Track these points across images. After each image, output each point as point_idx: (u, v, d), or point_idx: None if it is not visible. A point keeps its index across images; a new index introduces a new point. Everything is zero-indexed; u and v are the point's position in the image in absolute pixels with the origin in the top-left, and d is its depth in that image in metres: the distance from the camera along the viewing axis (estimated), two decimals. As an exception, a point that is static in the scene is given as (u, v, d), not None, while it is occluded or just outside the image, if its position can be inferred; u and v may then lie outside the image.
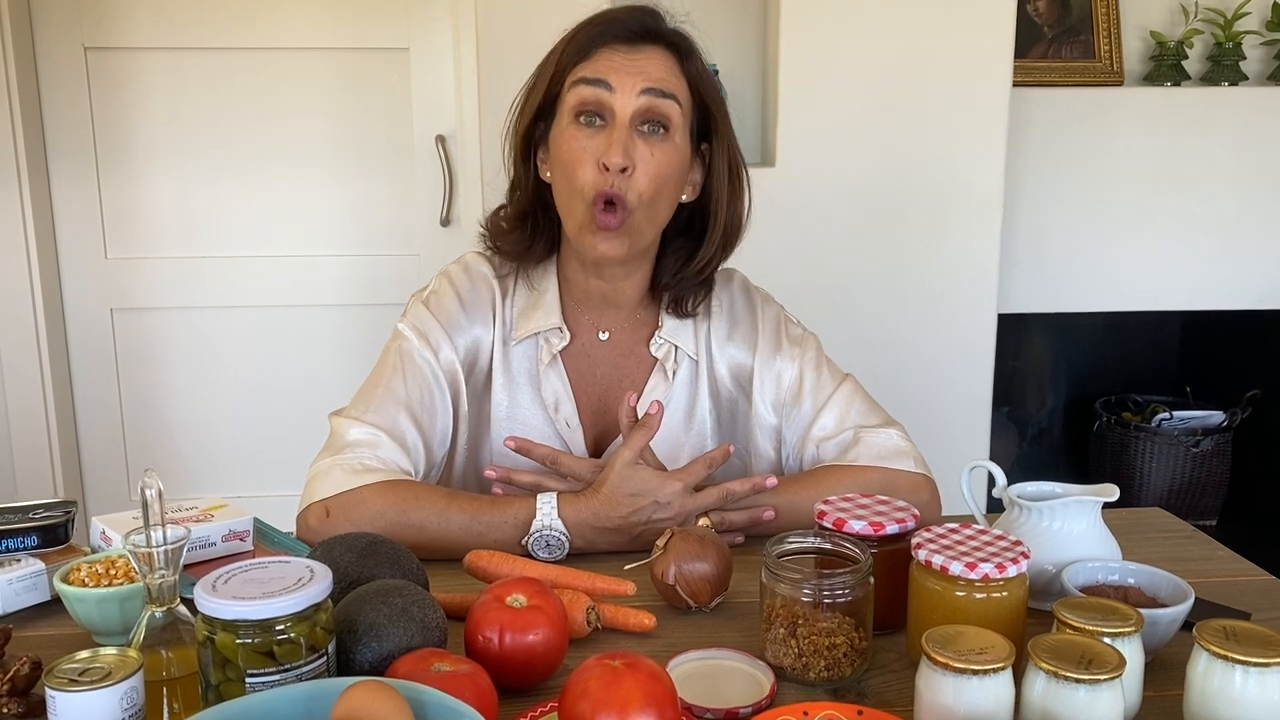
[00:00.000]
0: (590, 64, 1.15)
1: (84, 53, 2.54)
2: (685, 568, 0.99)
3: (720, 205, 1.22)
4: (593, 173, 1.13)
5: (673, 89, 1.15)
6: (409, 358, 1.22)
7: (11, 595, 0.99)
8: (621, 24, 1.15)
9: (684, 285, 1.25)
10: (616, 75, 1.13)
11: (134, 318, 2.69)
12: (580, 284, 1.25)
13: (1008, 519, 1.02)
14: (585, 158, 1.14)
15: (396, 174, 2.66)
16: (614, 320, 1.28)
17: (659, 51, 1.16)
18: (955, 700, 0.74)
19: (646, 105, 1.13)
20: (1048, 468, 3.05)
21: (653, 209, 1.17)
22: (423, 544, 1.08)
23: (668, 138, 1.15)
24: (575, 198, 1.15)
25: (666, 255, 1.26)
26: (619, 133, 1.13)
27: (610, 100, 1.13)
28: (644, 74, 1.13)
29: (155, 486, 0.78)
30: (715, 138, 1.22)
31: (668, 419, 1.25)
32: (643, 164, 1.13)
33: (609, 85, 1.13)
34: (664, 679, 0.75)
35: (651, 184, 1.14)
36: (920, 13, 2.35)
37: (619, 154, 1.11)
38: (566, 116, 1.16)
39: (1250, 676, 0.74)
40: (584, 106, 1.14)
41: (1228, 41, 2.64)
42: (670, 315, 1.28)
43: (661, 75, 1.15)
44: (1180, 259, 2.69)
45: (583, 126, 1.14)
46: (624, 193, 1.13)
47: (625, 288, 1.25)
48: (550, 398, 1.25)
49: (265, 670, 0.73)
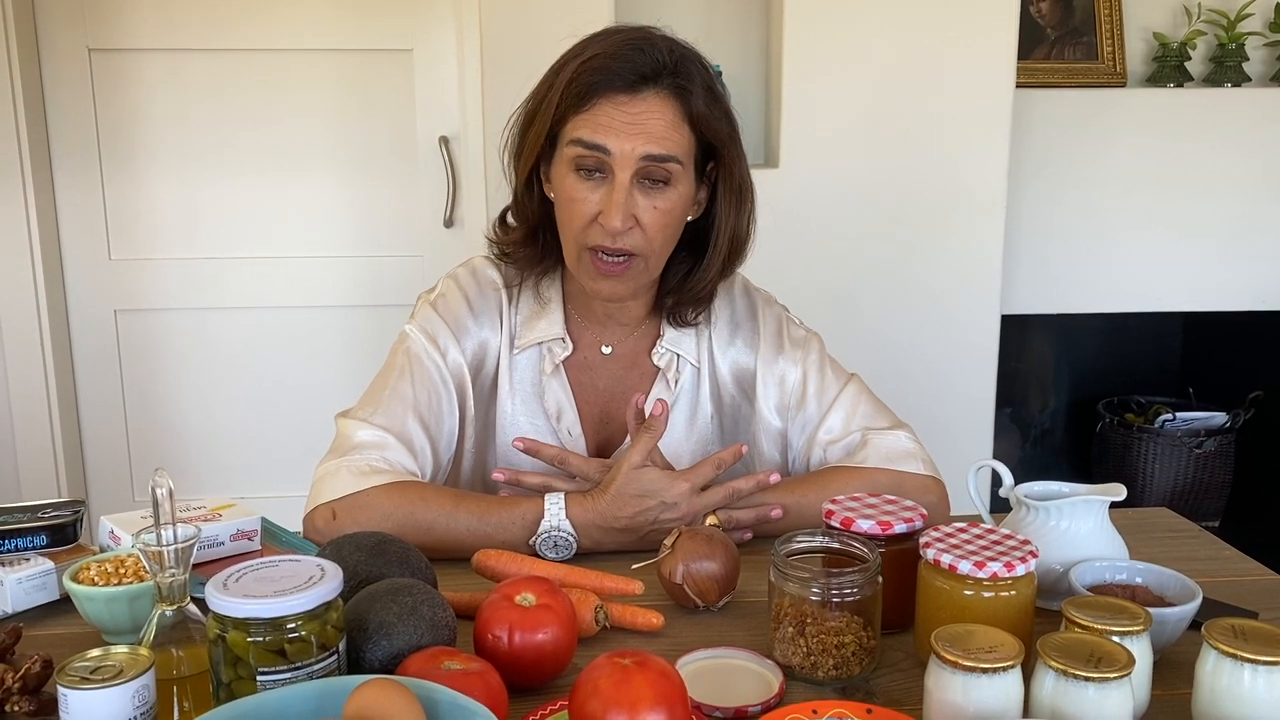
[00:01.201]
0: (588, 119, 1.11)
1: (88, 54, 2.55)
2: (693, 567, 0.99)
3: (724, 224, 1.21)
4: (592, 225, 1.13)
5: (672, 148, 1.11)
6: (416, 360, 1.22)
7: (21, 594, 0.99)
8: (618, 74, 1.10)
9: (685, 299, 1.25)
10: (615, 138, 1.09)
11: (137, 319, 2.69)
12: (583, 300, 1.26)
13: (1015, 518, 1.02)
14: (584, 210, 1.13)
15: (400, 175, 2.66)
16: (617, 335, 1.28)
17: (659, 99, 1.11)
18: (965, 698, 0.74)
19: (645, 169, 1.11)
20: (1050, 469, 3.05)
21: (662, 249, 1.17)
22: (430, 544, 1.08)
23: (670, 188, 1.14)
24: (571, 240, 1.16)
25: (669, 271, 1.25)
26: (618, 194, 1.10)
27: (609, 162, 1.11)
28: (644, 133, 1.10)
29: (166, 485, 0.78)
30: (721, 165, 1.19)
31: (670, 425, 1.26)
32: (645, 216, 1.12)
33: (606, 150, 1.10)
34: (674, 677, 0.75)
35: (658, 233, 1.14)
36: (923, 15, 2.36)
37: (618, 218, 1.10)
38: (565, 165, 1.14)
39: (1259, 675, 0.74)
40: (581, 164, 1.12)
41: (1230, 43, 2.64)
42: (670, 325, 1.28)
43: (662, 132, 1.10)
44: (1183, 260, 2.69)
45: (581, 179, 1.13)
46: (629, 246, 1.13)
47: (630, 308, 1.26)
48: (553, 406, 1.25)
49: (276, 668, 0.74)
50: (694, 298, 1.25)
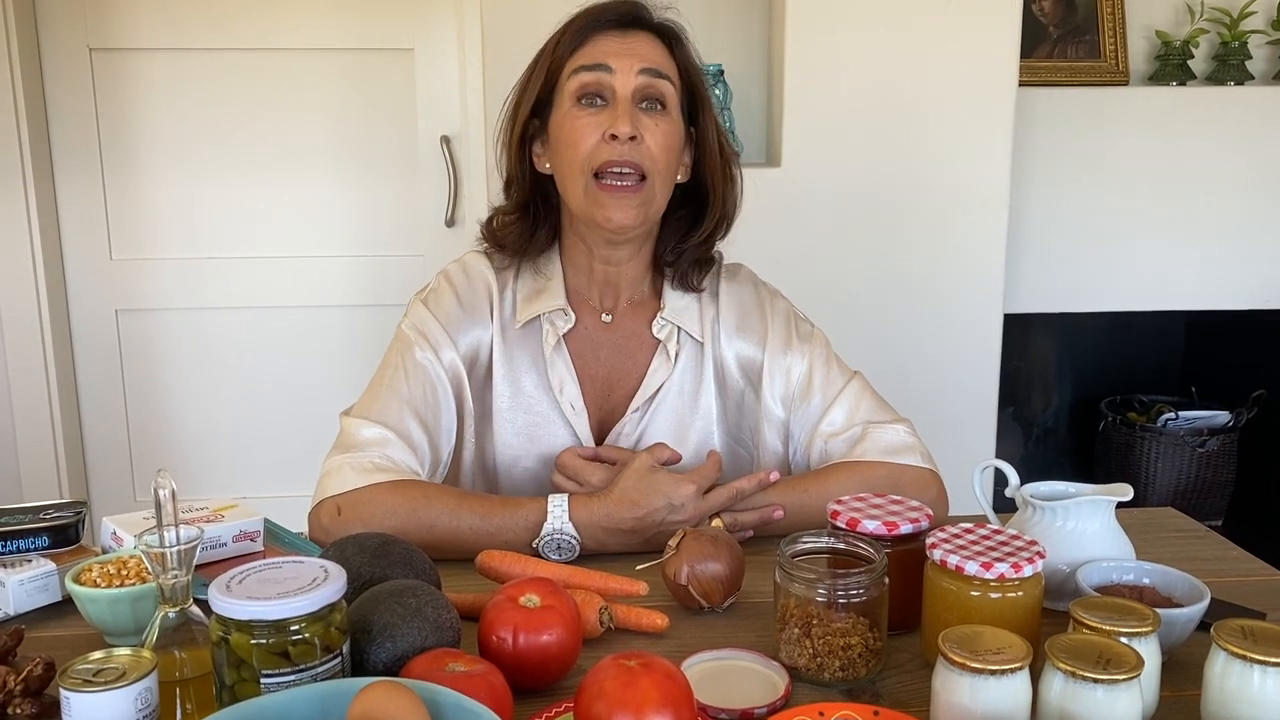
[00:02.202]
0: (586, 51, 1.19)
1: (89, 53, 2.54)
2: (698, 568, 0.98)
3: (715, 180, 1.26)
4: (599, 144, 1.17)
5: (666, 70, 1.20)
6: (410, 358, 1.23)
7: (23, 596, 0.99)
8: (612, 11, 1.20)
9: (686, 257, 1.28)
10: (615, 58, 1.18)
11: (139, 318, 2.69)
12: (584, 267, 1.27)
13: (1021, 519, 1.02)
14: (590, 132, 1.17)
15: (401, 174, 2.66)
16: (617, 302, 1.29)
17: (649, 37, 1.21)
18: (972, 700, 0.74)
19: (645, 84, 1.18)
20: (1053, 468, 3.04)
21: (665, 177, 1.21)
22: (433, 543, 1.08)
23: (666, 113, 1.20)
24: (580, 172, 1.18)
25: (665, 232, 1.29)
26: (623, 106, 1.17)
27: (611, 81, 1.17)
28: (639, 55, 1.18)
29: (169, 487, 0.78)
30: (703, 119, 1.26)
31: (674, 401, 1.28)
32: (650, 134, 1.18)
33: (608, 68, 1.17)
34: (679, 679, 0.74)
35: (662, 151, 1.18)
36: (925, 13, 2.35)
37: (627, 123, 1.15)
38: (567, 102, 1.19)
39: (1269, 676, 0.74)
40: (585, 90, 1.18)
41: (1233, 41, 2.64)
42: (675, 290, 1.29)
43: (655, 57, 1.20)
44: (1186, 259, 2.68)
45: (585, 108, 1.18)
46: (638, 159, 1.17)
47: (628, 269, 1.27)
48: (556, 381, 1.26)
49: (280, 670, 0.73)
50: (694, 255, 1.28)
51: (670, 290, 1.29)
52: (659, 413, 1.27)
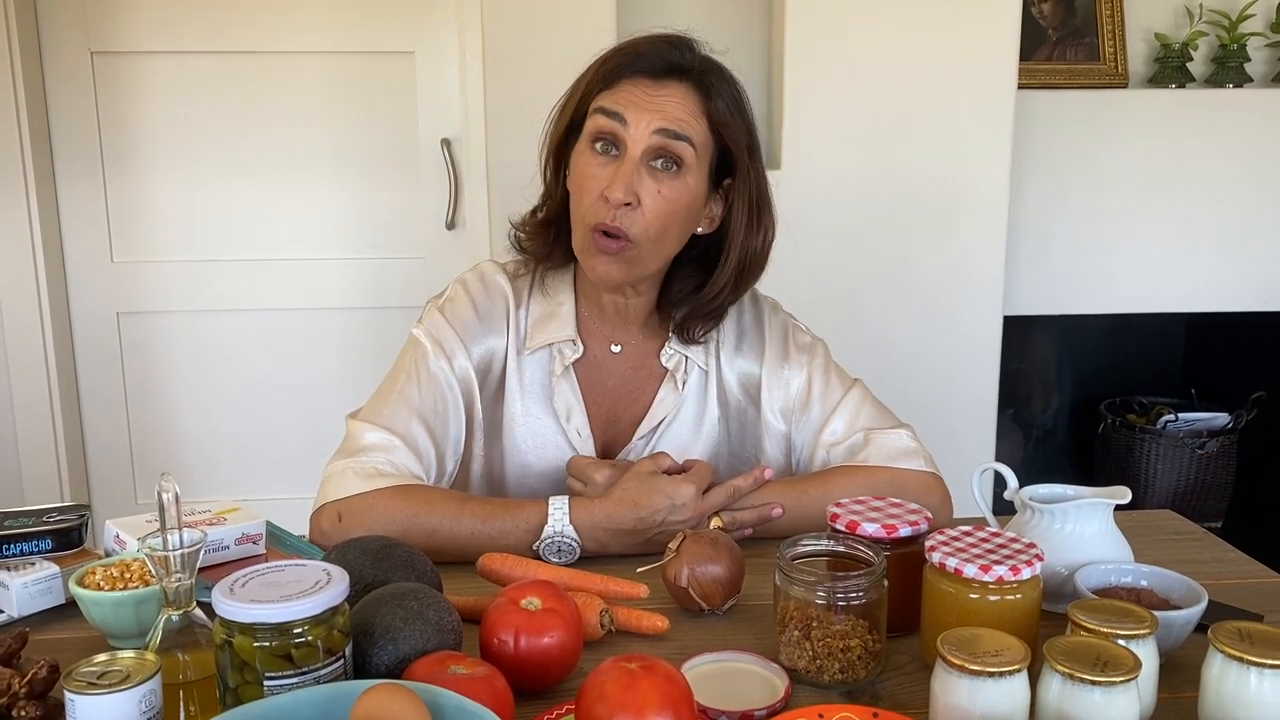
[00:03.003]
0: (612, 94, 1.15)
1: (90, 57, 2.55)
2: (698, 570, 0.99)
3: (735, 241, 1.21)
4: (596, 202, 1.14)
5: (688, 130, 1.14)
6: (423, 365, 1.23)
7: (26, 598, 0.99)
8: (648, 59, 1.15)
9: (692, 315, 1.25)
10: (634, 110, 1.13)
11: (140, 321, 2.69)
12: (595, 298, 1.27)
13: (1020, 521, 1.02)
14: (593, 186, 1.15)
15: (402, 177, 2.66)
16: (626, 333, 1.29)
17: (682, 90, 1.15)
18: (970, 702, 0.74)
19: (659, 144, 1.13)
20: (1053, 470, 3.05)
21: (659, 243, 1.17)
22: (434, 548, 1.09)
23: (679, 176, 1.15)
24: (579, 222, 1.17)
25: (675, 281, 1.26)
26: (626, 167, 1.13)
27: (623, 134, 1.13)
28: (661, 112, 1.13)
29: (172, 490, 0.78)
30: (737, 175, 1.21)
31: (680, 428, 1.28)
32: (649, 199, 1.14)
33: (624, 119, 1.13)
34: (680, 681, 0.75)
35: (657, 220, 1.15)
36: (925, 16, 2.36)
37: (621, 189, 1.12)
38: (585, 141, 1.17)
39: (1265, 678, 0.74)
40: (599, 135, 1.15)
41: (1232, 43, 2.64)
42: (676, 338, 1.28)
43: (679, 116, 1.14)
44: (1185, 261, 2.68)
45: (597, 154, 1.15)
46: (626, 227, 1.14)
47: (636, 304, 1.26)
48: (562, 408, 1.26)
49: (283, 673, 0.74)
50: (703, 314, 1.25)
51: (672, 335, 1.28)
52: (664, 440, 1.27)
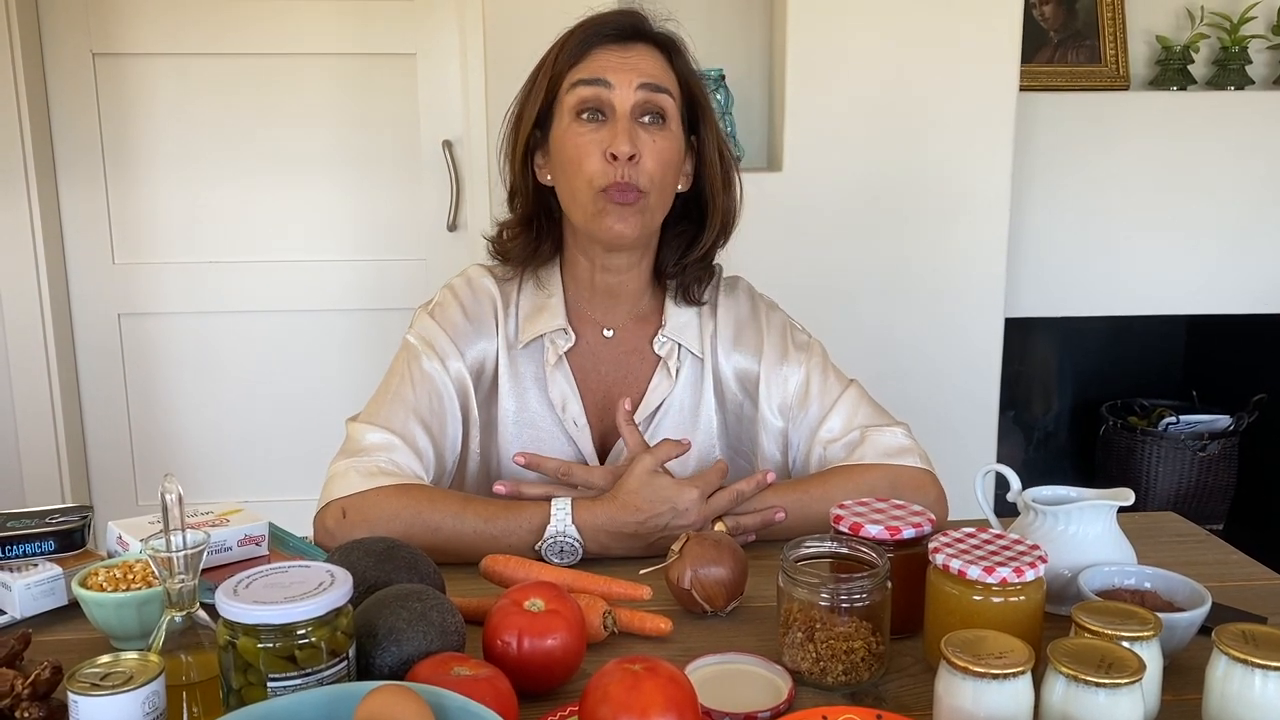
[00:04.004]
0: (586, 65, 1.20)
1: (92, 58, 2.55)
2: (701, 572, 0.99)
3: (716, 190, 1.27)
4: (600, 164, 1.17)
5: (665, 83, 1.21)
6: (418, 367, 1.24)
7: (29, 600, 0.99)
8: (611, 24, 1.21)
9: (688, 272, 1.29)
10: (614, 73, 1.18)
11: (141, 323, 2.69)
12: (586, 281, 1.28)
13: (1023, 523, 1.02)
14: (591, 150, 1.18)
15: (403, 179, 2.66)
16: (618, 317, 1.30)
17: (648, 49, 1.22)
18: (975, 704, 0.74)
19: (644, 99, 1.18)
20: (1054, 472, 3.04)
21: (663, 192, 1.21)
22: (437, 546, 1.09)
23: (665, 127, 1.20)
24: (583, 190, 1.19)
25: (666, 244, 1.30)
26: (622, 123, 1.17)
27: (610, 96, 1.18)
28: (638, 70, 1.19)
29: (175, 491, 0.78)
30: (704, 129, 1.26)
31: (675, 416, 1.28)
32: (648, 150, 1.18)
33: (608, 83, 1.18)
34: (684, 683, 0.75)
35: (659, 168, 1.19)
36: (926, 18, 2.36)
37: (626, 142, 1.16)
38: (567, 117, 1.20)
39: (1270, 680, 0.74)
40: (584, 105, 1.19)
41: (1233, 45, 2.64)
42: (678, 304, 1.30)
43: (654, 71, 1.20)
44: (1186, 263, 2.68)
45: (585, 123, 1.19)
46: (635, 179, 1.17)
47: (629, 279, 1.27)
48: (557, 398, 1.26)
49: (287, 674, 0.74)
50: (697, 267, 1.29)
51: (672, 305, 1.30)
52: (661, 428, 1.28)
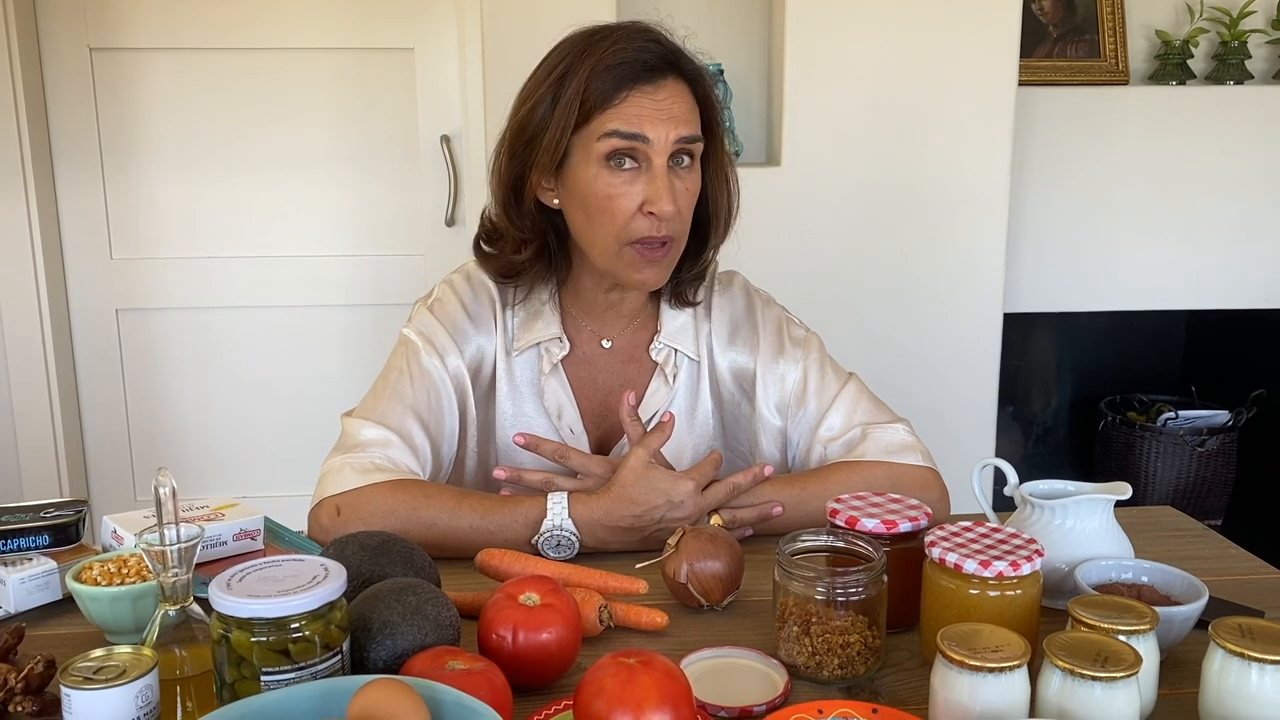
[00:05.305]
0: (620, 111, 1.12)
1: (89, 53, 2.54)
2: (697, 566, 0.98)
3: (720, 205, 1.24)
4: (634, 217, 1.14)
5: (696, 128, 1.16)
6: (415, 362, 1.23)
7: (24, 594, 0.99)
8: (641, 62, 1.13)
9: (684, 279, 1.27)
10: (650, 125, 1.12)
11: (139, 318, 2.69)
12: (589, 296, 1.26)
13: (1020, 517, 1.02)
14: (624, 203, 1.13)
15: (401, 174, 2.66)
16: (616, 328, 1.29)
17: (678, 86, 1.15)
18: (971, 698, 0.74)
19: (678, 150, 1.14)
20: (1053, 467, 3.04)
21: (686, 229, 1.20)
22: (433, 542, 1.09)
23: (692, 167, 1.18)
24: (610, 238, 1.15)
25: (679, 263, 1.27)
26: (661, 181, 1.13)
27: (647, 150, 1.13)
28: (673, 119, 1.13)
29: (169, 485, 0.78)
30: (715, 151, 1.22)
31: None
32: (680, 199, 1.15)
33: (645, 138, 1.12)
34: (679, 677, 0.74)
35: (687, 213, 1.18)
36: (925, 13, 2.35)
37: (669, 202, 1.13)
38: (595, 161, 1.13)
39: (1266, 674, 0.74)
40: (617, 152, 1.13)
41: (1233, 40, 2.64)
42: (673, 307, 1.29)
43: (686, 115, 1.15)
44: (1185, 258, 2.68)
45: (617, 171, 1.14)
46: (672, 233, 1.16)
47: (634, 297, 1.27)
48: (553, 405, 1.26)
49: (280, 668, 0.73)
50: (693, 276, 1.27)
51: (667, 309, 1.29)
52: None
